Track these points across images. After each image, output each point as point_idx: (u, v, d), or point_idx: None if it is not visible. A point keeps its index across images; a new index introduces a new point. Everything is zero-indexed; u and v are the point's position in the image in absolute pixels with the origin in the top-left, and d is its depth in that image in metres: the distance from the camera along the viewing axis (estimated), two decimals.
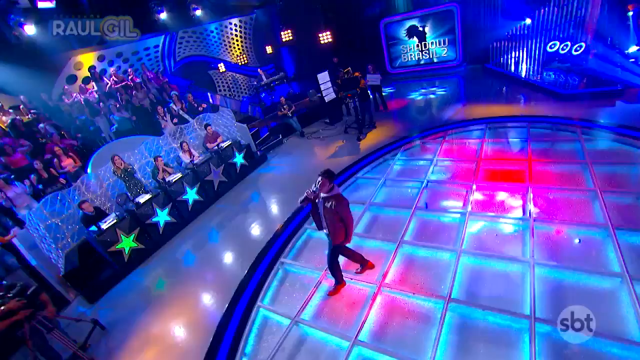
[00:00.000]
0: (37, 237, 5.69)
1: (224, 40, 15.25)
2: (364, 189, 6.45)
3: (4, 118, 8.10)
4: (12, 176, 6.96)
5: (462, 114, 8.77)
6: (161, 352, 4.29)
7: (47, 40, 8.54)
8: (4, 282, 4.06)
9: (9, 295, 3.80)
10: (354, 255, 4.31)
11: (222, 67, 14.08)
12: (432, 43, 12.80)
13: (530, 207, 4.73)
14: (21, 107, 8.71)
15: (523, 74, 10.30)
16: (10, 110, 8.37)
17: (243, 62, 15.35)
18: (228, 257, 5.85)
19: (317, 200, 3.72)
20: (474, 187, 5.48)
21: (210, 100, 13.17)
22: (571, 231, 4.27)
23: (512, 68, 10.96)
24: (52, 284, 5.82)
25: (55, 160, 7.27)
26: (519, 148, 6.40)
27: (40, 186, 6.71)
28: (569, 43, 9.86)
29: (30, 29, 7.81)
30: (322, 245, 5.25)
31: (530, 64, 10.66)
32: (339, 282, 4.24)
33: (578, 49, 9.70)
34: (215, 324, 4.33)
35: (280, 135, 10.21)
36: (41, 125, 8.36)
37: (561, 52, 10.04)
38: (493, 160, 6.24)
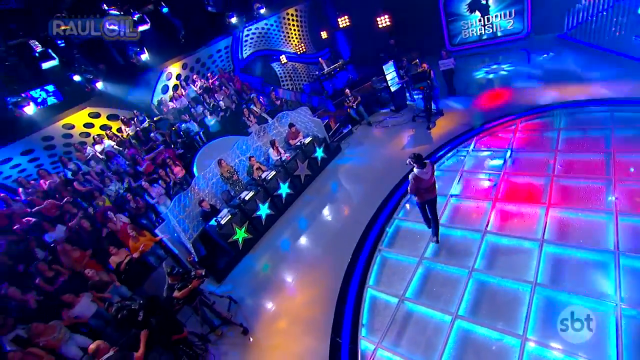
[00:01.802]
0: (178, 230, 7.26)
1: (283, 31, 15.97)
2: (442, 181, 7.03)
3: (128, 129, 9.88)
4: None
5: (534, 96, 8.65)
6: (291, 321, 5.51)
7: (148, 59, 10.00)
8: (180, 271, 5.50)
9: (191, 277, 5.24)
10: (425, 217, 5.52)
11: (283, 58, 14.89)
12: (496, 16, 12.32)
13: (613, 200, 5.05)
14: (135, 119, 10.45)
15: (605, 44, 9.58)
16: (131, 122, 10.13)
17: (302, 51, 15.99)
18: (324, 244, 6.87)
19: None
20: (553, 180, 5.84)
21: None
22: None
23: (592, 37, 10.19)
24: (188, 268, 7.43)
25: (168, 169, 8.82)
26: (601, 136, 6.46)
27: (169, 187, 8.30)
28: None
29: (144, 56, 9.32)
30: (410, 234, 6.12)
31: (615, 30, 9.79)
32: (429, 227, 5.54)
33: None
34: (327, 299, 5.42)
35: (350, 126, 10.94)
36: (152, 134, 10.02)
37: None
38: (571, 151, 6.40)
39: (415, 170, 4.91)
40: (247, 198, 7.74)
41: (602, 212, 5.04)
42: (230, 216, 7.37)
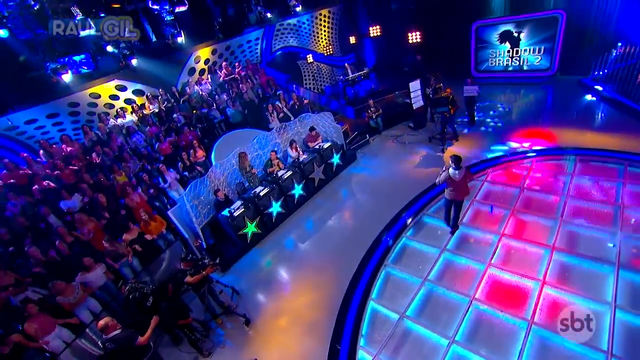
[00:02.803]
0: (192, 215, 7.45)
1: (314, 31, 16.13)
2: None
3: (151, 106, 10.04)
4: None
5: (551, 137, 8.82)
6: (292, 321, 5.71)
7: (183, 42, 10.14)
8: (194, 257, 5.71)
9: (205, 263, 5.45)
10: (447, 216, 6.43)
11: (310, 57, 15.05)
12: (525, 50, 12.49)
13: (617, 252, 5.26)
14: (159, 98, 10.60)
15: (628, 96, 9.58)
16: (156, 100, 10.29)
17: (329, 53, 16.16)
18: (330, 249, 7.05)
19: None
20: (561, 224, 6.05)
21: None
22: None
23: (616, 87, 10.27)
24: (196, 253, 7.62)
25: (192, 151, 8.98)
26: (612, 188, 6.64)
27: (186, 173, 8.47)
28: None
29: (180, 39, 9.49)
30: (416, 254, 6.34)
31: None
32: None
33: None
34: (329, 305, 5.65)
35: (367, 136, 11.13)
36: (175, 115, 10.18)
37: None
38: (581, 198, 6.58)
39: (450, 169, 5.85)
40: (261, 194, 7.93)
41: (604, 262, 5.25)
42: (243, 209, 7.58)
